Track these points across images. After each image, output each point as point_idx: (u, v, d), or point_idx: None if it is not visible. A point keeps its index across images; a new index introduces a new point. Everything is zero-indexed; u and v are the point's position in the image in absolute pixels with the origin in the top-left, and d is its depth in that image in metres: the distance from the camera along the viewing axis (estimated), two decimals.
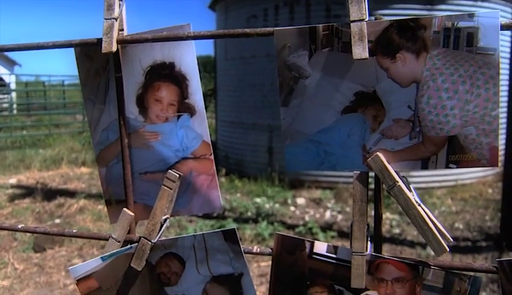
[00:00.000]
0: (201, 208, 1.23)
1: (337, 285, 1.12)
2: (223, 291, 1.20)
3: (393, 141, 1.06)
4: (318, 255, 1.13)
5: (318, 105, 1.08)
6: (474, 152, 1.02)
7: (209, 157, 1.20)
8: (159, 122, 1.21)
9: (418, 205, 1.03)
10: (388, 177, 1.04)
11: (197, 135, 1.19)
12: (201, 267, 1.20)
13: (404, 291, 1.08)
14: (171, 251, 1.21)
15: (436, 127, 1.03)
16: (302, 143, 1.11)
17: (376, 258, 1.09)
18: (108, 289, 1.25)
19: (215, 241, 1.17)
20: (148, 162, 1.24)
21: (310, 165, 1.11)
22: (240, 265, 1.18)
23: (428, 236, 1.02)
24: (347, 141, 1.08)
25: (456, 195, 7.91)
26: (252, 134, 9.08)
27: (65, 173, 9.75)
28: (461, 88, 1.00)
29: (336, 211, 7.04)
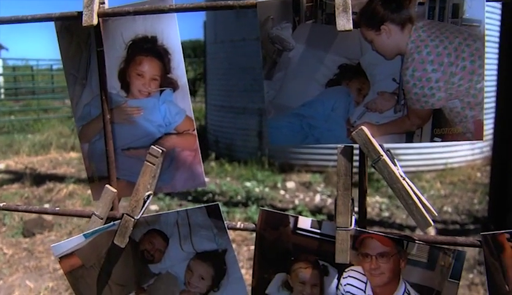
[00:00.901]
0: (184, 184, 1.21)
1: (321, 260, 1.12)
2: (206, 268, 1.19)
3: (377, 114, 1.04)
4: (302, 231, 1.12)
5: (302, 78, 1.07)
6: (459, 126, 1.02)
7: (192, 132, 1.18)
8: (141, 97, 1.19)
9: (403, 179, 1.02)
10: (372, 151, 1.03)
11: (180, 110, 1.18)
12: (184, 243, 1.19)
13: (389, 265, 1.07)
14: (154, 227, 1.20)
15: (421, 100, 1.02)
16: (286, 117, 1.09)
17: (361, 233, 1.08)
18: (91, 267, 1.24)
19: (199, 217, 1.16)
20: (131, 138, 1.22)
21: (294, 139, 1.10)
22: (224, 241, 1.17)
23: (413, 210, 1.02)
24: (331, 114, 1.07)
25: (445, 179, 7.94)
26: (242, 118, 9.05)
27: (55, 158, 9.69)
28: (446, 60, 0.99)
29: (326, 195, 7.05)
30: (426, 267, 1.06)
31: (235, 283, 1.19)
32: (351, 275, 1.10)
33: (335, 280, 1.11)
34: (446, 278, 1.05)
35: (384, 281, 1.08)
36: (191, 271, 1.21)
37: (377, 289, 1.09)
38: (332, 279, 1.12)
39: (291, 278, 1.15)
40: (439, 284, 1.05)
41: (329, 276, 1.12)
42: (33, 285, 4.26)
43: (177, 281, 1.22)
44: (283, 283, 1.16)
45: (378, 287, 1.09)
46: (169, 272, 1.22)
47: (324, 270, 1.12)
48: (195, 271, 1.20)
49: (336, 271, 1.11)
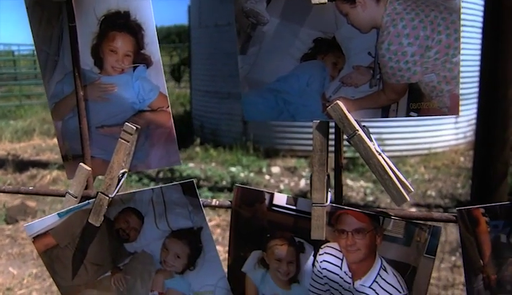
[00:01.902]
0: (159, 161, 1.20)
1: (297, 237, 1.11)
2: (182, 246, 1.18)
3: (353, 88, 1.03)
4: (277, 207, 1.11)
5: (277, 52, 1.05)
6: (435, 100, 1.01)
7: (166, 109, 1.17)
8: (115, 74, 1.17)
9: (379, 154, 1.02)
10: (348, 126, 1.02)
11: (153, 87, 1.16)
12: (159, 221, 1.17)
13: (365, 242, 1.07)
14: (129, 205, 1.18)
15: (397, 74, 1.00)
16: (261, 92, 1.08)
17: (336, 209, 1.08)
18: (66, 247, 1.22)
19: (174, 195, 1.15)
20: (104, 115, 1.20)
21: (269, 115, 1.09)
22: (200, 219, 1.15)
23: (388, 185, 1.01)
24: (306, 89, 1.05)
25: (429, 163, 7.98)
26: (227, 103, 9.02)
27: (38, 144, 9.61)
28: (422, 33, 0.98)
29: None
30: (402, 243, 1.05)
31: (211, 261, 1.18)
32: (327, 252, 1.10)
33: (311, 257, 1.11)
34: (421, 253, 1.05)
35: (360, 257, 1.08)
36: (166, 249, 1.19)
37: (353, 265, 1.08)
38: (308, 256, 1.11)
39: (267, 255, 1.14)
40: (415, 260, 1.05)
41: (306, 253, 1.11)
42: (16, 272, 4.24)
43: (153, 259, 1.21)
44: (259, 261, 1.15)
45: (354, 263, 1.08)
46: (145, 251, 1.21)
47: (300, 247, 1.11)
48: (171, 250, 1.19)
49: (312, 248, 1.11)
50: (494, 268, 1.03)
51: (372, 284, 1.08)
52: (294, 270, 1.12)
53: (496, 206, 1.01)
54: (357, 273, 1.08)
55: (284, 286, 1.14)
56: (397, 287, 1.07)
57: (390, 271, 1.07)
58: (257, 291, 1.17)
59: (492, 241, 1.02)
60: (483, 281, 1.04)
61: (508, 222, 1.00)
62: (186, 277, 1.21)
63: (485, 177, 5.48)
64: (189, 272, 1.20)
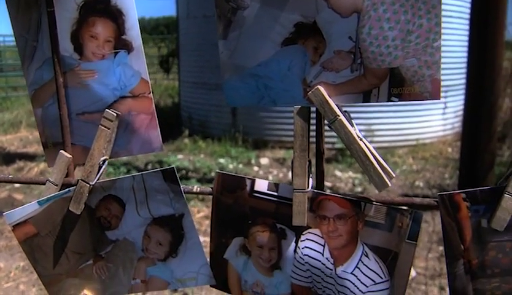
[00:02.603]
0: (140, 148, 1.19)
1: (279, 224, 1.11)
2: (164, 233, 1.17)
3: (334, 73, 1.03)
4: (259, 194, 1.11)
5: (257, 37, 1.04)
6: (416, 85, 1.00)
7: (148, 95, 1.16)
8: (95, 60, 1.15)
9: (360, 139, 1.01)
10: (329, 111, 1.01)
11: (135, 73, 1.14)
12: (141, 208, 1.17)
13: (346, 227, 1.06)
14: (110, 193, 1.17)
15: (378, 59, 1.00)
16: (242, 77, 1.07)
17: (318, 195, 1.07)
18: (47, 235, 1.21)
19: (155, 181, 1.14)
20: (85, 102, 1.18)
21: (250, 100, 1.08)
22: (181, 206, 1.15)
23: (370, 171, 1.01)
24: (287, 74, 1.04)
25: (417, 154, 8.01)
26: (215, 94, 8.99)
27: (25, 137, 9.54)
28: (402, 18, 0.97)
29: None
30: (384, 229, 1.05)
31: (193, 248, 1.17)
32: (309, 238, 1.09)
33: (293, 243, 1.10)
34: (403, 239, 1.05)
35: (342, 243, 1.07)
36: (148, 237, 1.19)
37: (335, 251, 1.08)
38: (290, 242, 1.11)
39: (248, 242, 1.13)
40: (397, 246, 1.05)
41: (287, 240, 1.11)
42: (3, 265, 4.21)
43: (135, 247, 1.20)
44: (241, 247, 1.15)
45: (336, 249, 1.08)
46: (127, 238, 1.20)
47: (282, 233, 1.11)
48: (153, 237, 1.18)
49: (293, 235, 1.10)
50: (475, 253, 1.03)
51: (354, 270, 1.08)
52: (276, 256, 1.12)
53: (477, 191, 1.01)
54: (339, 259, 1.08)
55: (266, 272, 1.14)
56: (379, 273, 1.07)
57: (372, 257, 1.07)
58: (239, 278, 1.17)
59: (473, 226, 1.02)
60: (464, 266, 1.04)
61: (489, 207, 1.01)
62: (168, 264, 1.20)
63: (473, 168, 5.51)
64: (171, 259, 1.19)
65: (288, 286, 1.13)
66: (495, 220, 0.99)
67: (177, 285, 1.21)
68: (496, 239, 1.02)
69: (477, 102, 5.64)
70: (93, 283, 1.25)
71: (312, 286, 1.12)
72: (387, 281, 1.07)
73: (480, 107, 5.58)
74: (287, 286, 1.14)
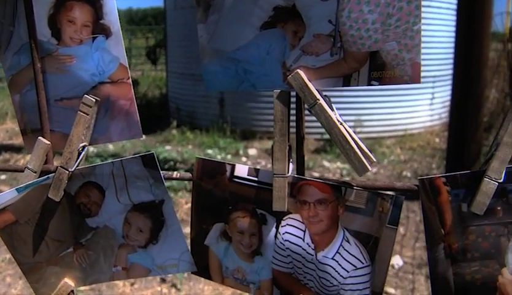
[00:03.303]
0: (120, 134, 1.17)
1: (259, 209, 1.10)
2: (144, 220, 1.16)
3: (313, 57, 1.02)
4: (239, 179, 1.10)
5: (236, 21, 1.03)
6: (396, 69, 1.00)
7: (127, 81, 1.14)
8: (73, 45, 1.14)
9: (340, 124, 1.01)
10: (309, 95, 1.00)
11: (113, 58, 1.13)
12: (121, 195, 1.15)
13: (327, 212, 1.06)
14: (90, 179, 1.16)
15: (358, 42, 0.99)
16: (221, 61, 1.06)
17: (298, 180, 1.07)
18: (26, 223, 1.20)
19: (134, 167, 1.13)
20: (63, 88, 1.17)
21: (229, 85, 1.07)
22: (161, 192, 1.14)
23: (350, 155, 1.00)
24: (267, 58, 1.03)
25: (405, 145, 8.04)
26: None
27: (11, 128, 9.46)
28: (382, 0, 0.96)
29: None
30: (365, 213, 1.05)
31: (174, 235, 1.17)
32: (289, 223, 1.09)
33: (273, 229, 1.10)
34: (384, 224, 1.04)
35: (323, 228, 1.07)
36: (129, 223, 1.18)
37: (316, 236, 1.08)
38: (270, 228, 1.10)
39: (229, 227, 1.13)
40: (378, 231, 1.05)
41: (268, 225, 1.10)
42: None
43: (115, 234, 1.19)
44: (222, 233, 1.14)
45: (317, 235, 1.08)
46: (107, 225, 1.19)
47: (262, 219, 1.10)
48: (133, 224, 1.17)
49: (274, 220, 1.10)
50: (455, 237, 1.03)
51: (335, 256, 1.07)
52: (256, 242, 1.12)
53: (457, 175, 1.01)
54: (320, 244, 1.08)
55: (247, 258, 1.14)
56: (360, 258, 1.06)
57: (353, 242, 1.06)
58: (220, 264, 1.16)
59: (453, 210, 1.02)
60: (444, 250, 1.04)
61: (469, 191, 1.00)
62: (149, 251, 1.19)
63: (460, 158, 5.53)
64: (152, 246, 1.19)
65: (269, 271, 1.13)
66: (475, 204, 0.99)
67: (158, 272, 1.21)
68: (476, 224, 1.02)
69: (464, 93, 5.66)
70: (73, 271, 1.24)
71: (293, 272, 1.12)
72: (368, 266, 1.06)
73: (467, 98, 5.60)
74: (268, 271, 1.13)
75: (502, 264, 1.03)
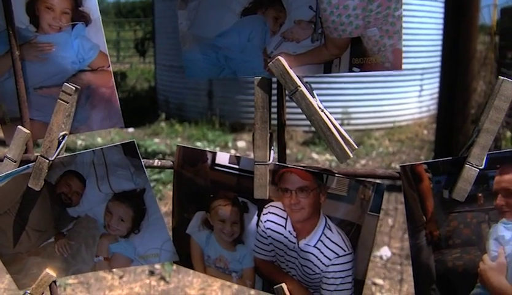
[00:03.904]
0: (101, 123, 1.16)
1: (241, 197, 1.09)
2: (125, 209, 1.15)
3: (294, 43, 1.01)
4: (220, 167, 1.09)
5: (217, 7, 1.02)
6: (377, 55, 0.99)
7: (107, 69, 1.13)
8: (52, 32, 1.12)
9: (321, 111, 1.00)
10: (289, 81, 1.00)
11: (93, 45, 1.12)
12: (102, 184, 1.14)
13: (309, 200, 1.05)
14: (71, 168, 1.15)
15: (339, 28, 0.98)
16: (201, 49, 1.05)
17: (279, 167, 1.06)
18: (6, 213, 1.18)
19: (115, 156, 1.12)
20: (43, 76, 1.15)
21: (210, 72, 1.06)
22: (142, 181, 1.13)
23: (331, 142, 0.99)
24: (248, 44, 1.03)
25: (393, 137, 8.07)
26: None
27: None
28: None
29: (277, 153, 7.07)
30: (347, 201, 1.05)
31: (155, 224, 1.16)
32: (271, 211, 1.08)
33: (255, 217, 1.09)
34: (365, 211, 1.04)
35: (304, 216, 1.06)
36: (110, 213, 1.17)
37: (298, 224, 1.07)
38: (252, 216, 1.09)
39: (210, 216, 1.12)
40: (359, 218, 1.04)
41: (249, 213, 1.09)
42: None
43: (97, 224, 1.18)
44: (203, 222, 1.13)
45: (298, 222, 1.07)
46: (88, 215, 1.18)
47: (244, 207, 1.09)
48: (114, 213, 1.16)
49: (255, 208, 1.09)
50: (437, 224, 1.03)
51: (317, 243, 1.07)
52: (238, 230, 1.11)
53: (438, 162, 1.01)
54: (302, 232, 1.07)
55: (229, 247, 1.13)
56: (342, 245, 1.06)
57: (335, 229, 1.06)
58: (202, 253, 1.16)
59: (435, 197, 1.02)
60: (426, 237, 1.04)
61: (450, 178, 1.00)
62: (131, 241, 1.18)
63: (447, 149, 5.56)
64: (134, 236, 1.18)
65: (251, 260, 1.13)
66: (456, 191, 0.99)
67: (139, 262, 1.20)
68: (457, 210, 1.02)
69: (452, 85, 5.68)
70: (55, 262, 1.23)
71: (275, 260, 1.11)
72: (350, 254, 1.06)
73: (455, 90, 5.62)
74: (250, 260, 1.13)
75: (483, 251, 1.03)
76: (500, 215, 1.01)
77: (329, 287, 1.09)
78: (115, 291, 3.68)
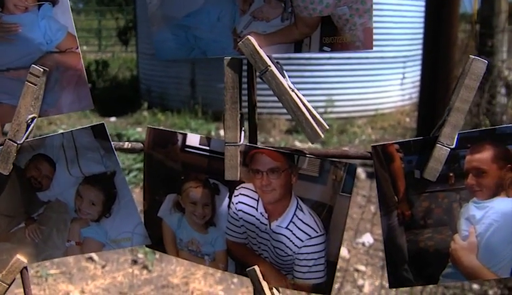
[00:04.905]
0: (70, 106, 1.14)
1: (212, 179, 1.08)
2: (96, 192, 1.14)
3: (264, 23, 1.00)
4: (191, 148, 1.08)
5: None
6: (348, 34, 0.98)
7: (76, 51, 1.11)
8: (18, 12, 1.10)
9: (292, 91, 0.99)
10: (259, 61, 0.98)
11: (61, 26, 1.09)
12: (72, 167, 1.13)
13: (280, 181, 1.05)
14: (40, 152, 1.13)
15: (309, 7, 0.97)
16: (171, 29, 1.04)
17: (250, 148, 1.05)
18: None
19: (85, 138, 1.10)
20: (9, 58, 1.13)
21: (180, 52, 1.05)
22: (112, 163, 1.11)
23: (302, 122, 0.99)
24: (217, 24, 1.01)
25: (376, 124, 8.10)
26: (174, 66, 8.90)
27: None
28: None
29: (260, 142, 7.05)
30: (318, 182, 1.04)
31: (127, 207, 1.14)
32: (242, 193, 1.07)
33: (226, 199, 1.09)
34: (337, 192, 1.03)
35: (276, 197, 1.06)
36: (80, 197, 1.15)
37: (269, 206, 1.07)
38: (223, 198, 1.09)
39: (182, 198, 1.11)
40: (331, 199, 1.04)
41: (221, 195, 1.09)
42: None
43: (68, 208, 1.17)
44: (175, 204, 1.12)
45: (270, 204, 1.06)
46: (59, 199, 1.16)
47: (215, 189, 1.08)
48: (85, 197, 1.15)
49: (227, 190, 1.08)
50: (408, 204, 1.03)
51: (289, 225, 1.06)
52: (210, 212, 1.10)
53: (410, 142, 1.01)
54: (273, 214, 1.07)
55: (201, 229, 1.12)
56: (314, 227, 1.06)
57: (307, 211, 1.05)
58: (174, 236, 1.15)
59: (406, 176, 1.02)
60: (398, 217, 1.04)
61: (422, 157, 1.00)
62: (102, 225, 1.17)
63: None
64: (105, 219, 1.16)
65: (224, 242, 1.12)
66: (427, 171, 0.99)
67: (111, 246, 1.18)
68: (429, 190, 1.02)
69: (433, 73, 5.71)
70: (26, 247, 1.22)
71: (247, 242, 1.11)
72: (323, 235, 1.06)
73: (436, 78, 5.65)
74: (222, 242, 1.12)
75: (454, 230, 1.03)
76: (470, 194, 1.01)
77: (302, 269, 1.08)
78: (98, 280, 3.67)
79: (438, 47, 5.66)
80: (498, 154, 0.99)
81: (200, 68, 8.53)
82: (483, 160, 0.99)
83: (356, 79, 8.41)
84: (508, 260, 1.02)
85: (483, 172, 1.00)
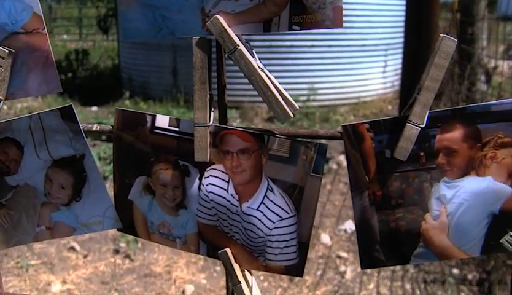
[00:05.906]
0: (38, 88, 1.12)
1: (181, 160, 1.07)
2: (65, 175, 1.12)
3: (233, 2, 0.99)
4: (160, 130, 1.07)
5: None
6: (317, 13, 0.97)
7: (42, 31, 1.09)
8: None
9: (261, 70, 0.98)
10: (228, 40, 0.97)
11: (26, 6, 1.07)
12: (40, 150, 1.11)
13: (250, 162, 1.04)
14: (7, 135, 1.11)
15: None
16: (139, 8, 1.02)
17: (220, 129, 1.04)
18: None
19: (52, 121, 1.08)
20: None
21: (147, 32, 1.03)
22: (81, 146, 1.10)
23: (272, 102, 0.98)
24: (185, 3, 1.00)
25: (358, 112, 8.12)
26: (156, 55, 8.83)
27: None
28: None
29: None
30: (289, 162, 1.03)
31: (97, 191, 1.13)
32: (212, 174, 1.06)
33: (197, 180, 1.08)
34: (308, 172, 1.03)
35: (246, 178, 1.05)
36: (50, 180, 1.13)
37: (240, 187, 1.06)
38: (194, 179, 1.08)
39: (152, 180, 1.10)
40: (302, 180, 1.03)
41: (191, 177, 1.08)
42: None
43: (37, 192, 1.15)
44: (145, 187, 1.11)
45: (240, 185, 1.06)
46: (28, 183, 1.15)
47: (185, 171, 1.07)
48: (54, 181, 1.13)
49: (197, 171, 1.07)
50: (379, 184, 1.03)
51: (259, 206, 1.06)
52: (180, 195, 1.09)
53: (380, 121, 1.00)
54: (244, 195, 1.06)
55: (171, 212, 1.11)
56: (285, 208, 1.05)
57: (278, 192, 1.05)
58: (145, 219, 1.14)
59: (377, 156, 1.01)
60: (369, 198, 1.03)
61: (392, 137, 1.00)
62: (72, 209, 1.15)
63: None
64: (75, 203, 1.15)
65: (195, 225, 1.11)
66: (398, 150, 0.98)
67: (82, 230, 1.17)
68: (400, 170, 1.02)
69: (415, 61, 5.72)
70: None
71: (218, 224, 1.10)
72: (294, 217, 1.05)
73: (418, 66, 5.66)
74: (193, 225, 1.11)
75: (425, 210, 1.03)
76: (441, 174, 1.01)
77: (273, 250, 1.08)
78: (80, 270, 3.64)
79: (419, 35, 5.67)
80: (469, 133, 0.99)
81: (182, 57, 8.47)
82: (453, 139, 0.99)
83: (338, 67, 8.40)
84: (477, 239, 1.02)
85: (453, 151, 1.00)
